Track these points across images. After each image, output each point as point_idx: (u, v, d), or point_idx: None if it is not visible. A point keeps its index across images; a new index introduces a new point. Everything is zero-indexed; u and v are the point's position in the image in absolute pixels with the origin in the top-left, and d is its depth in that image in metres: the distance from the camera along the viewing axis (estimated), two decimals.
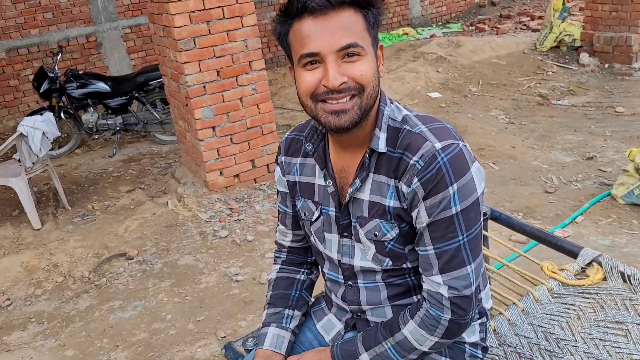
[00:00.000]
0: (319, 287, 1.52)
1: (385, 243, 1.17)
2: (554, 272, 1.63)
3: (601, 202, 3.83)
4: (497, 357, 1.44)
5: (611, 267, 1.59)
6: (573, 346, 1.42)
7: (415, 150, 1.10)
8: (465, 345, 1.27)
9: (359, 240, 1.22)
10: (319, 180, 1.26)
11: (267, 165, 4.61)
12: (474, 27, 9.47)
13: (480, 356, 1.30)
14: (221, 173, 4.40)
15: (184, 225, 4.07)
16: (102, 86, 5.72)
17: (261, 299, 3.18)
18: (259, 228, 3.97)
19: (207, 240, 3.86)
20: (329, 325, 1.38)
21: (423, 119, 1.16)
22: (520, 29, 8.72)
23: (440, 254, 1.11)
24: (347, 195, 1.20)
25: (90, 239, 4.00)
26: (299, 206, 1.32)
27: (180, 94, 4.34)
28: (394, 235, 1.16)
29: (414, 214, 1.12)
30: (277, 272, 1.44)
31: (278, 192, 1.40)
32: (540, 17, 8.87)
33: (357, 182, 1.18)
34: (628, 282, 1.54)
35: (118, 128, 5.79)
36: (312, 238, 1.32)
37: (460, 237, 1.10)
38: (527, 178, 4.29)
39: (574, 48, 7.06)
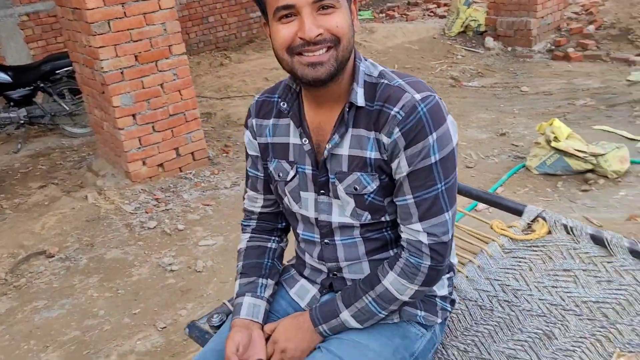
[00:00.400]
0: (286, 258, 1.50)
1: (365, 196, 1.18)
2: (504, 230, 1.71)
3: (517, 173, 4.08)
4: (460, 312, 1.49)
5: (554, 221, 1.69)
6: (528, 295, 1.50)
7: (396, 101, 1.11)
8: (437, 298, 1.30)
9: (337, 197, 1.22)
10: (294, 139, 1.25)
11: (193, 154, 4.47)
12: (384, 14, 9.70)
13: (449, 309, 1.34)
14: (144, 163, 4.22)
15: (108, 219, 3.86)
16: (1, 76, 5.27)
17: (198, 287, 3.10)
18: (190, 217, 3.86)
19: (135, 232, 3.69)
20: (303, 291, 1.37)
21: (399, 74, 1.18)
22: (428, 15, 9.04)
23: (420, 202, 1.13)
24: (326, 152, 1.19)
25: (3, 238, 3.70)
26: (271, 168, 1.30)
27: (95, 80, 4.09)
28: (375, 187, 1.17)
29: (394, 165, 1.14)
30: (248, 241, 1.40)
31: (248, 156, 1.36)
32: (446, 4, 9.23)
33: (336, 137, 1.17)
34: (571, 233, 1.65)
35: (22, 121, 5.37)
36: (285, 199, 1.30)
37: (439, 185, 1.13)
38: None
39: (480, 33, 7.44)
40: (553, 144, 3.95)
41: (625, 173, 3.89)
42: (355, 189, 1.18)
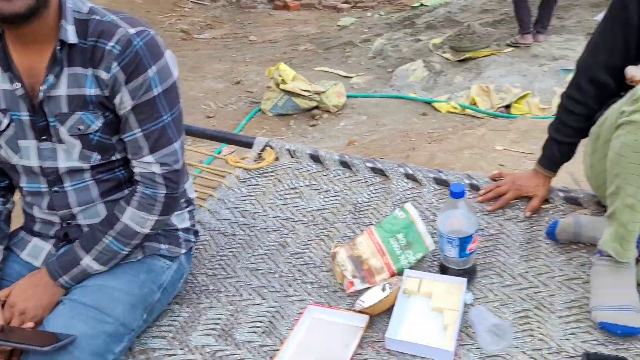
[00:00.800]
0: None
1: (91, 135, 1.17)
2: (237, 162, 1.85)
3: (254, 117, 4.33)
4: (206, 242, 1.59)
5: (280, 147, 1.89)
6: (264, 215, 1.67)
7: (110, 36, 1.11)
8: (179, 231, 1.37)
9: (60, 141, 1.17)
10: (2, 84, 1.15)
11: None
12: None
13: (193, 239, 1.43)
14: None
15: None
16: None
17: None
18: None
19: None
20: (36, 250, 1.30)
21: (111, 10, 1.17)
22: None
23: (149, 134, 1.17)
24: (41, 94, 1.13)
25: None
26: None
27: None
28: (100, 125, 1.16)
29: (116, 101, 1.14)
30: None
31: None
32: None
33: (51, 77, 1.12)
34: (294, 156, 1.87)
35: None
36: (2, 151, 1.20)
37: (165, 117, 1.17)
38: (189, 107, 4.51)
39: None
40: (281, 86, 4.29)
41: (343, 106, 4.44)
42: (79, 130, 1.16)
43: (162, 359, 1.25)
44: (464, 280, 1.31)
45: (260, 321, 1.33)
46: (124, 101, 1.14)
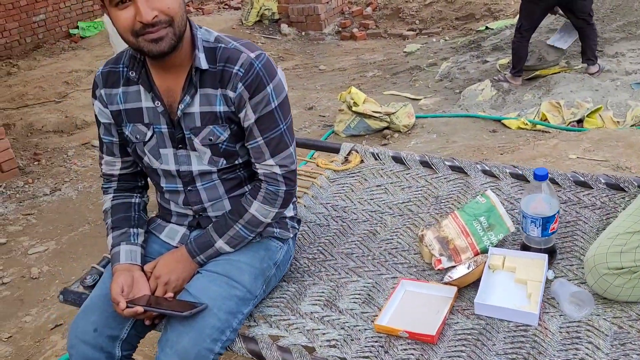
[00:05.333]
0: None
1: (220, 145, 1.39)
2: (327, 165, 2.06)
3: (329, 138, 4.57)
4: (304, 232, 1.79)
5: (364, 151, 2.08)
6: (354, 208, 1.86)
7: (235, 61, 1.33)
8: (286, 219, 1.58)
9: (194, 149, 1.40)
10: (146, 103, 1.40)
11: (0, 165, 4.17)
12: None
13: (297, 227, 1.63)
14: None
15: None
16: None
17: (39, 293, 3.00)
18: (11, 229, 3.63)
19: None
20: (172, 232, 1.54)
21: (232, 38, 1.40)
22: (223, 8, 9.30)
23: (269, 141, 1.38)
24: (179, 112, 1.37)
25: None
26: (127, 132, 1.43)
27: None
28: (227, 136, 1.38)
29: (241, 115, 1.36)
30: (112, 200, 1.52)
31: (100, 124, 1.47)
32: None
33: (187, 98, 1.36)
34: (378, 158, 2.05)
35: None
36: (145, 158, 1.45)
37: (282, 125, 1.39)
38: None
39: (275, 20, 7.92)
40: (354, 108, 4.51)
41: (413, 126, 4.60)
42: (210, 140, 1.39)
43: (278, 323, 1.44)
44: (545, 255, 1.44)
45: (359, 293, 1.50)
46: (248, 115, 1.36)
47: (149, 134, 1.42)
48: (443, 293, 1.44)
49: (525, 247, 1.50)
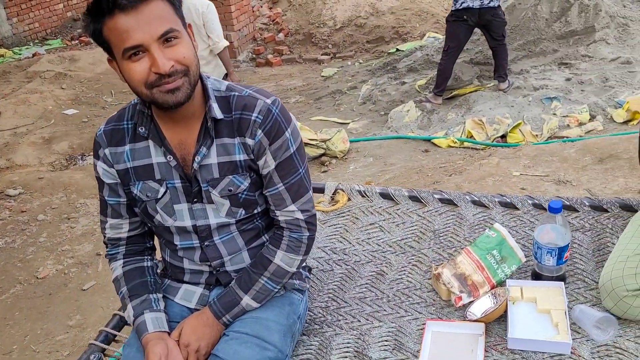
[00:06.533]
0: None
1: (239, 194, 1.33)
2: (315, 206, 2.02)
3: None
4: (309, 277, 1.74)
5: (350, 189, 2.08)
6: (353, 250, 1.84)
7: (252, 108, 1.28)
8: (300, 269, 1.53)
9: (211, 202, 1.33)
10: (157, 158, 1.31)
11: None
12: (77, 41, 9.22)
13: (310, 275, 1.60)
14: None
15: None
16: None
17: None
18: None
19: None
20: (188, 294, 1.44)
21: (242, 85, 1.35)
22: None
23: (289, 187, 1.34)
24: (195, 164, 1.29)
25: None
26: (136, 191, 1.33)
27: None
28: (247, 185, 1.33)
29: (260, 162, 1.31)
30: (122, 266, 1.40)
31: (104, 186, 1.36)
32: None
33: (204, 149, 1.29)
34: (365, 195, 2.05)
35: None
36: (157, 216, 1.35)
37: (301, 170, 1.35)
38: None
39: None
40: None
41: (348, 151, 4.68)
42: (230, 190, 1.32)
43: None
44: (561, 283, 1.51)
45: (386, 340, 1.49)
46: (268, 162, 1.31)
47: (162, 190, 1.33)
48: (471, 330, 1.46)
49: (537, 276, 1.56)
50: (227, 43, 4.20)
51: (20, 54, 8.71)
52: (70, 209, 4.12)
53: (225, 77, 4.45)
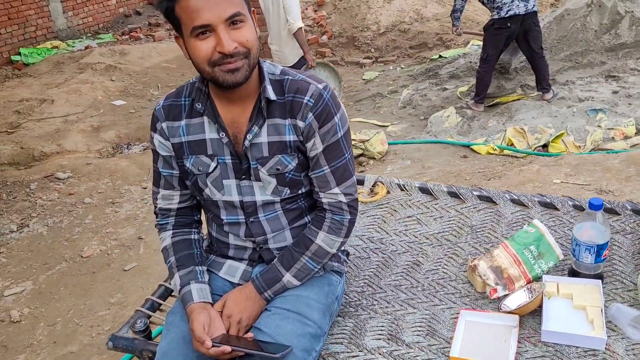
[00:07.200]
0: None
1: (286, 174, 1.39)
2: None
3: None
4: (347, 261, 1.79)
5: (390, 182, 2.12)
6: (390, 240, 1.88)
7: (305, 91, 1.34)
8: (339, 253, 1.58)
9: (258, 179, 1.40)
10: (210, 134, 1.38)
11: None
12: (127, 36, 9.52)
13: (347, 259, 1.65)
14: None
15: None
16: None
17: (23, 337, 2.81)
18: None
19: None
20: (232, 270, 1.50)
21: (295, 70, 1.41)
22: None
23: (334, 170, 1.39)
24: (247, 142, 1.36)
25: None
26: (189, 164, 1.41)
27: None
28: (294, 165, 1.38)
29: (309, 145, 1.37)
30: (171, 237, 1.48)
31: (159, 157, 1.44)
32: None
33: (255, 128, 1.35)
34: (404, 189, 2.09)
35: None
36: (207, 190, 1.42)
37: (346, 155, 1.40)
38: None
39: None
40: None
41: (386, 153, 4.70)
42: (278, 169, 1.38)
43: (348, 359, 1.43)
44: (599, 281, 1.51)
45: (420, 326, 1.52)
46: (316, 144, 1.37)
47: (213, 165, 1.40)
48: (505, 322, 1.48)
49: (574, 273, 1.57)
50: (302, 24, 4.39)
51: (73, 46, 9.05)
52: (115, 194, 4.28)
53: (302, 58, 4.65)
